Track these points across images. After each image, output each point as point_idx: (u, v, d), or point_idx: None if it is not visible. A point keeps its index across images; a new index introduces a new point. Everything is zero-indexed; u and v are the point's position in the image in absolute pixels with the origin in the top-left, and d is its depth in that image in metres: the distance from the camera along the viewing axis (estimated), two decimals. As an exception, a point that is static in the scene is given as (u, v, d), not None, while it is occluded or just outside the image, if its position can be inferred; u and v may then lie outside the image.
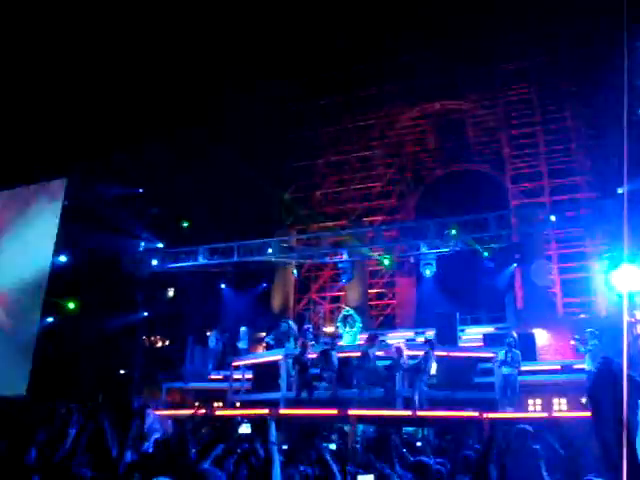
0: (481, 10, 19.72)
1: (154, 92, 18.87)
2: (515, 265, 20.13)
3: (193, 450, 5.87)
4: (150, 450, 6.91)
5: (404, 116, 25.12)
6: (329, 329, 20.44)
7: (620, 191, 17.93)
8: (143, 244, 22.48)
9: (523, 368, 14.92)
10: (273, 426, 3.88)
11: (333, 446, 6.76)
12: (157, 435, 8.34)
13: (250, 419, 4.18)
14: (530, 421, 11.95)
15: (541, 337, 18.12)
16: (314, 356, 14.52)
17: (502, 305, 19.57)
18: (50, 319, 19.73)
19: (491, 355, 15.31)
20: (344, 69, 24.77)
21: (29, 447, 4.99)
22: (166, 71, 18.55)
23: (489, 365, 15.53)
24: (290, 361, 15.01)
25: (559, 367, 16.22)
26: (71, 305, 20.81)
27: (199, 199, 21.65)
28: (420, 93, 24.30)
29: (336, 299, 25.15)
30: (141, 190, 21.94)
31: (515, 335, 15.89)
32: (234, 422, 4.37)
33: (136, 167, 20.72)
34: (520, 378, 14.66)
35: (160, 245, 22.59)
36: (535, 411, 15.45)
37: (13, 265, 19.51)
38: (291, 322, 17.71)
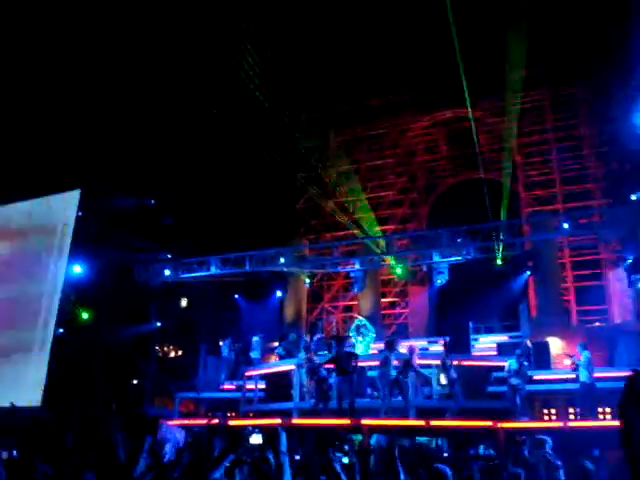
0: (492, 16, 19.69)
1: (170, 100, 18.97)
2: (528, 273, 20.02)
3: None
4: (165, 460, 6.93)
5: (415, 125, 25.14)
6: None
7: (634, 197, 17.86)
8: (156, 254, 22.59)
9: (537, 377, 14.81)
10: (284, 436, 3.88)
11: (346, 459, 6.72)
12: (169, 445, 8.38)
13: (261, 429, 4.18)
14: (544, 430, 11.88)
15: (555, 346, 17.99)
16: (331, 366, 14.40)
17: (516, 314, 19.45)
18: (64, 329, 19.86)
19: (505, 364, 15.21)
20: (355, 78, 24.83)
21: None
22: (180, 79, 18.66)
23: (503, 374, 15.43)
24: (303, 371, 14.98)
25: (574, 376, 16.08)
26: (85, 315, 20.95)
27: (211, 209, 21.75)
28: (431, 101, 24.33)
29: (349, 309, 25.12)
30: (153, 201, 22.07)
31: (529, 344, 15.79)
32: (245, 432, 4.37)
33: (149, 177, 20.85)
34: (534, 387, 14.55)
35: (170, 256, 22.70)
36: (550, 420, 15.32)
37: (28, 276, 19.68)
38: (304, 335, 17.68)
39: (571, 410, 15.52)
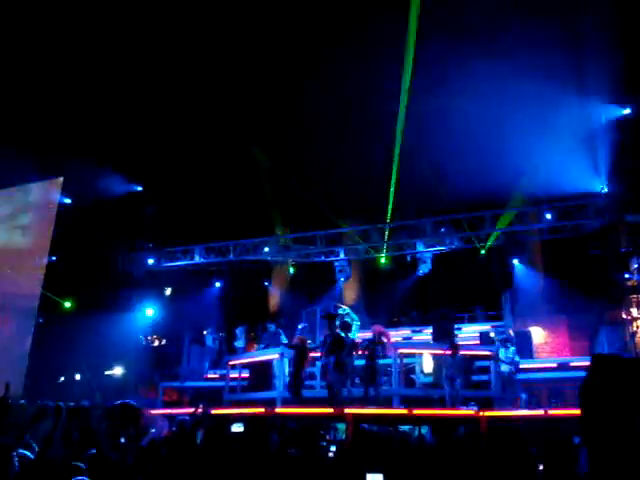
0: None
1: (158, 88, 18.70)
2: (512, 263, 20.16)
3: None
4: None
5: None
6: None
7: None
8: (139, 243, 22.45)
9: (520, 366, 14.94)
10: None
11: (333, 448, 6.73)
12: (152, 433, 8.34)
13: (244, 418, 4.17)
14: (526, 419, 12.00)
15: (537, 335, 18.16)
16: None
17: (499, 303, 19.57)
18: (46, 318, 19.68)
19: (488, 353, 15.31)
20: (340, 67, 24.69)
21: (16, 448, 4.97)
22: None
23: (486, 363, 15.55)
24: (286, 360, 15.00)
25: (555, 365, 16.25)
26: (67, 304, 20.78)
27: (196, 197, 21.58)
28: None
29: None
30: (139, 188, 21.80)
31: (512, 333, 15.93)
32: (227, 421, 4.36)
33: (133, 165, 20.61)
34: (517, 376, 14.68)
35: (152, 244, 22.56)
36: (531, 409, 15.47)
37: (8, 264, 19.45)
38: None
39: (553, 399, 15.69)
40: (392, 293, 24.21)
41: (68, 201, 19.87)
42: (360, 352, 13.95)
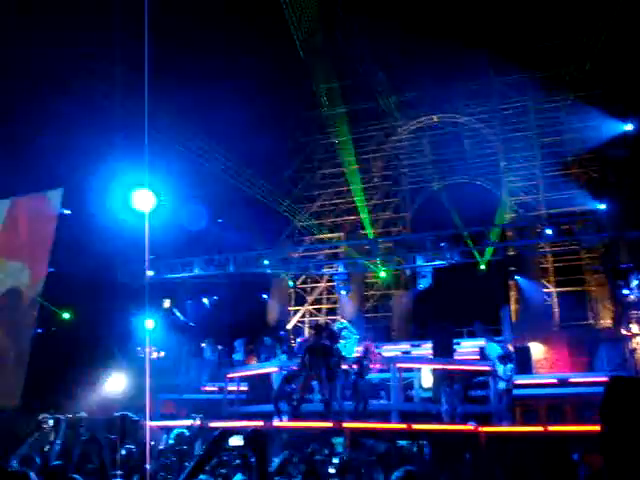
0: (478, 22, 19.80)
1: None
2: (511, 278, 20.17)
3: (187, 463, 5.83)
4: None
5: (401, 129, 25.21)
6: None
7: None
8: (139, 254, 22.39)
9: (519, 382, 14.89)
10: (264, 438, 3.85)
11: (336, 460, 6.71)
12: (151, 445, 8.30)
13: (243, 431, 4.15)
14: (526, 435, 11.94)
15: (537, 350, 18.12)
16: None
17: (498, 318, 19.55)
18: (44, 329, 19.62)
19: (487, 369, 15.28)
20: (341, 81, 24.86)
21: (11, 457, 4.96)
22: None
23: (484, 378, 15.51)
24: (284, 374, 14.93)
25: (555, 381, 16.20)
26: (66, 315, 20.71)
27: (197, 209, 21.60)
28: (417, 106, 24.48)
29: (332, 311, 25.09)
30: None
31: (511, 348, 15.89)
32: (225, 434, 4.33)
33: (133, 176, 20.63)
34: (516, 392, 14.63)
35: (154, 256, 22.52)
36: (530, 425, 15.40)
37: (8, 275, 19.43)
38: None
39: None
40: (391, 307, 24.22)
41: (68, 212, 19.85)
42: (347, 366, 13.98)
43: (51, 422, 5.30)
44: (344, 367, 13.95)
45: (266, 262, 20.97)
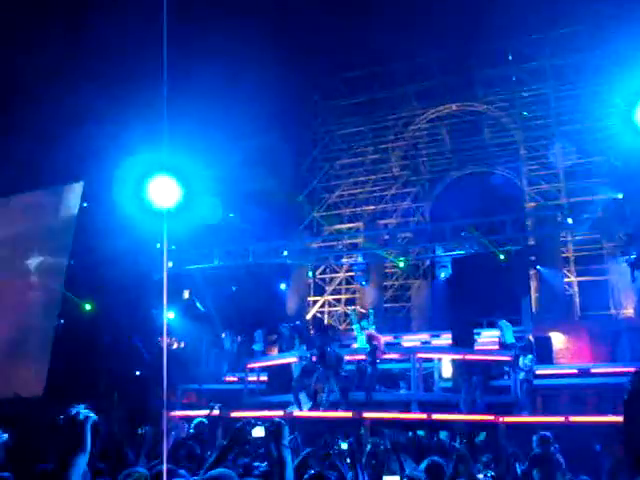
0: (497, 9, 19.59)
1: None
2: (532, 268, 20.01)
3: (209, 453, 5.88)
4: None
5: (420, 118, 25.07)
6: None
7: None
8: (159, 245, 22.51)
9: (540, 372, 14.80)
10: (286, 429, 3.87)
11: (344, 445, 6.71)
12: (172, 436, 8.37)
13: (264, 421, 4.18)
14: (546, 425, 11.88)
15: (558, 340, 17.98)
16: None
17: (518, 308, 19.43)
18: (67, 320, 19.84)
19: (507, 359, 15.21)
20: (359, 70, 24.77)
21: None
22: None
23: (505, 368, 15.45)
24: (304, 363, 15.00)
25: (576, 371, 16.08)
26: (88, 306, 20.92)
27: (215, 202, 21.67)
28: (435, 94, 24.32)
29: (351, 301, 25.10)
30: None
31: (531, 339, 15.79)
32: (248, 424, 4.36)
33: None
34: (537, 382, 14.55)
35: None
36: (552, 415, 15.32)
37: (30, 267, 19.66)
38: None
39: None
40: (410, 297, 24.16)
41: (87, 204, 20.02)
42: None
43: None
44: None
45: (285, 253, 21.01)
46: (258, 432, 4.28)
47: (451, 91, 23.97)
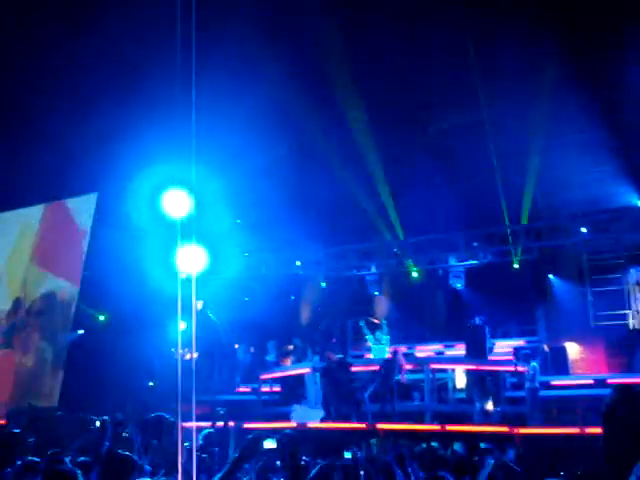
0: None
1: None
2: (546, 277, 19.87)
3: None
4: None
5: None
6: None
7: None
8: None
9: (555, 383, 14.69)
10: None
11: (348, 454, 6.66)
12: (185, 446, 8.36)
13: (275, 433, 4.17)
14: (562, 436, 11.76)
15: (573, 351, 17.83)
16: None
17: (533, 318, 19.29)
18: (81, 331, 19.96)
19: (522, 369, 15.11)
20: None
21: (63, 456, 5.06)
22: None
23: (517, 379, 15.36)
24: (318, 374, 14.99)
25: (592, 381, 15.92)
26: (101, 317, 21.04)
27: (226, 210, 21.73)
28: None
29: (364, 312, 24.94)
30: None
31: (546, 348, 15.69)
32: (259, 436, 4.35)
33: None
34: (551, 393, 14.43)
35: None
36: (567, 426, 15.16)
37: (45, 277, 19.81)
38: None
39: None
40: (424, 307, 24.04)
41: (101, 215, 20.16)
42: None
43: (98, 423, 5.40)
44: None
45: (298, 263, 21.02)
46: (269, 444, 4.27)
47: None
